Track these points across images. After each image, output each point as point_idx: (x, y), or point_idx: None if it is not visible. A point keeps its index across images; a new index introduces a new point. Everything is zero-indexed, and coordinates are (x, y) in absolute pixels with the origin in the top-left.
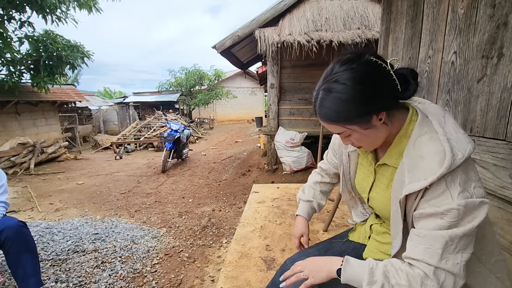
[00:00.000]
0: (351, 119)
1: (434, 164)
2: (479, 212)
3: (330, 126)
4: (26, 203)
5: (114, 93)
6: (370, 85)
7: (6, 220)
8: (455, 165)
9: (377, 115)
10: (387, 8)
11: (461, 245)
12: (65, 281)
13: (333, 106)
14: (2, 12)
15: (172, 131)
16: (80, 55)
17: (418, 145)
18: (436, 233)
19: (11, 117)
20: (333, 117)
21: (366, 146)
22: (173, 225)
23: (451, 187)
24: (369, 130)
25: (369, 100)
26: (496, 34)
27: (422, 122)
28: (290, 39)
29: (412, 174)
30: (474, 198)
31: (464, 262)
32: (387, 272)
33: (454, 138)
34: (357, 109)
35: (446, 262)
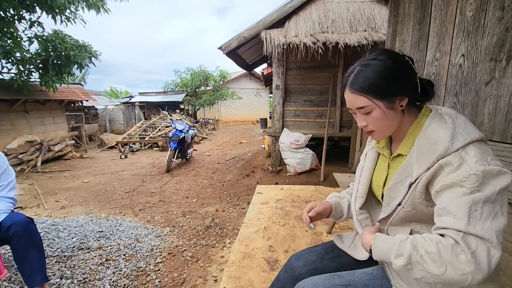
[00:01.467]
0: (381, 93)
1: (438, 148)
2: (499, 179)
3: (357, 99)
4: (32, 200)
5: (120, 93)
6: (403, 70)
7: (14, 216)
8: (454, 148)
9: (401, 100)
10: (394, 10)
11: (487, 211)
12: (70, 278)
13: (369, 78)
14: (13, 12)
15: (177, 131)
16: (88, 55)
17: (428, 132)
18: (459, 199)
19: (20, 116)
20: (365, 88)
21: (379, 130)
22: (176, 225)
23: (467, 159)
24: (390, 111)
25: (399, 82)
26: (505, 37)
27: (434, 114)
28: (296, 41)
29: (421, 157)
30: (492, 166)
31: (496, 229)
32: (415, 243)
33: (462, 127)
34: (389, 85)
35: (475, 227)
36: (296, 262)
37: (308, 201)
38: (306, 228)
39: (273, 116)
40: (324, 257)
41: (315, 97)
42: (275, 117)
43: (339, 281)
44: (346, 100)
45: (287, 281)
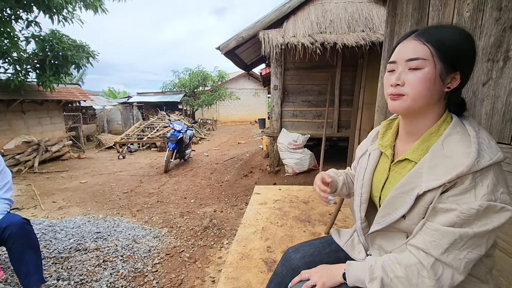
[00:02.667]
0: (447, 55)
1: (458, 163)
2: (498, 217)
3: (418, 47)
4: (29, 201)
5: (118, 93)
6: (474, 56)
7: (10, 217)
8: (479, 167)
9: (455, 77)
10: (392, 10)
11: (469, 244)
12: (67, 279)
13: (446, 36)
14: (10, 11)
15: (175, 132)
16: (85, 55)
17: (446, 144)
18: (448, 229)
19: (17, 116)
20: (434, 41)
21: (412, 95)
22: (174, 225)
23: (478, 187)
24: (437, 80)
25: (467, 59)
26: (502, 37)
27: (456, 123)
28: (294, 41)
29: (434, 170)
30: (498, 202)
31: (468, 260)
32: (385, 267)
33: (486, 144)
34: (460, 53)
35: (448, 256)
36: (294, 255)
37: (306, 202)
38: (304, 229)
39: (271, 117)
40: (321, 251)
41: (313, 97)
42: (273, 118)
43: None
44: (398, 50)
45: (285, 273)
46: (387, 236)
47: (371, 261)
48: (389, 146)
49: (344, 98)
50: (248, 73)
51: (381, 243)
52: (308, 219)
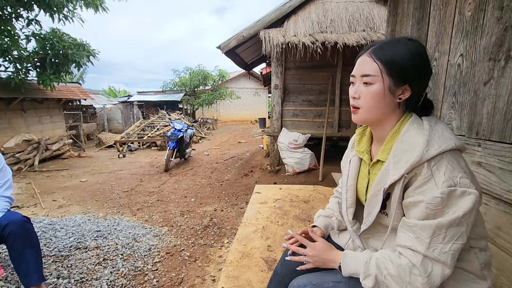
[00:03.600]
0: (394, 71)
1: (413, 156)
2: (463, 201)
3: (369, 64)
4: (29, 199)
5: (119, 92)
6: (425, 67)
7: (10, 215)
8: (429, 156)
9: (405, 90)
10: (393, 10)
11: (451, 235)
12: (67, 277)
13: (394, 51)
14: (10, 10)
15: (175, 131)
16: (85, 54)
17: (405, 139)
18: (423, 222)
19: (17, 114)
20: (383, 57)
21: (366, 108)
22: (175, 224)
23: (436, 175)
24: (389, 94)
25: (416, 72)
26: (503, 37)
27: (413, 120)
28: (295, 40)
29: (397, 165)
30: (457, 187)
31: (453, 252)
32: (379, 264)
33: (439, 135)
34: (406, 68)
35: (434, 251)
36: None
37: (307, 201)
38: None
39: (271, 116)
40: None
41: (313, 97)
42: (274, 117)
43: (331, 277)
44: (357, 64)
45: (284, 273)
46: (381, 237)
47: (366, 257)
48: (365, 152)
49: (345, 98)
50: (249, 72)
51: (376, 245)
52: (308, 218)
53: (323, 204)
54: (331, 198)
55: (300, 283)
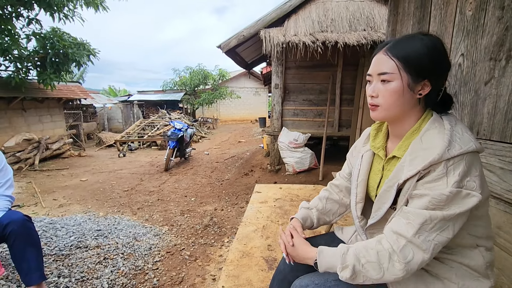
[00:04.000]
0: (412, 67)
1: (431, 153)
2: (465, 202)
3: (386, 61)
4: (30, 198)
5: (119, 91)
6: (445, 59)
7: (11, 214)
8: (449, 155)
9: (424, 86)
10: (393, 9)
11: (438, 226)
12: (68, 276)
13: (409, 47)
14: (11, 9)
15: (175, 130)
16: (86, 53)
17: (425, 138)
18: (420, 210)
19: (17, 113)
20: (400, 54)
21: (385, 107)
22: (175, 223)
23: (450, 175)
24: (408, 91)
25: (435, 67)
26: (504, 36)
27: (435, 119)
28: (296, 40)
29: (413, 162)
30: (463, 189)
31: (437, 242)
32: (357, 254)
33: (459, 136)
34: (424, 64)
35: (419, 237)
36: None
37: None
38: None
39: (272, 115)
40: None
41: (314, 96)
42: (274, 116)
43: (333, 276)
44: (372, 63)
45: (287, 271)
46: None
47: (343, 249)
48: (381, 148)
49: (345, 97)
50: (249, 72)
51: None
52: None
53: None
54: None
55: (302, 283)
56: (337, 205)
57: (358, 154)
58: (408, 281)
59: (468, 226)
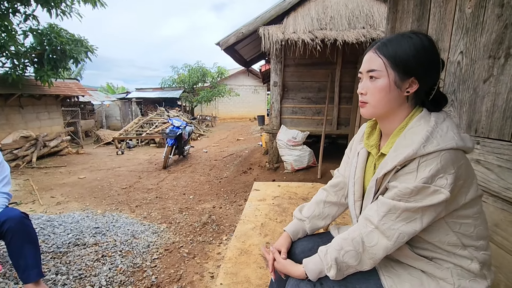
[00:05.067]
0: (399, 64)
1: (409, 149)
2: (430, 198)
3: (374, 59)
4: (27, 195)
5: (117, 88)
6: (435, 57)
7: (8, 211)
8: (424, 151)
9: (412, 83)
10: (393, 7)
11: (402, 217)
12: (66, 274)
13: (397, 45)
14: (7, 5)
15: (174, 128)
16: (83, 50)
17: (408, 135)
18: (386, 200)
19: (14, 110)
20: (386, 52)
21: (373, 103)
22: (173, 221)
23: (420, 171)
24: (395, 88)
25: (422, 65)
26: (504, 34)
27: (421, 116)
28: (295, 37)
29: (393, 158)
30: (432, 185)
31: (401, 232)
32: (335, 248)
33: (442, 133)
34: (410, 61)
35: (384, 224)
36: (293, 249)
37: (305, 198)
38: None
39: (270, 113)
40: (320, 245)
41: (313, 94)
42: (273, 114)
43: None
44: (363, 61)
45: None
46: None
47: (323, 251)
48: (374, 146)
49: (344, 96)
50: (248, 69)
51: None
52: None
53: None
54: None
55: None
56: (336, 207)
57: (355, 151)
58: (403, 282)
59: (454, 225)
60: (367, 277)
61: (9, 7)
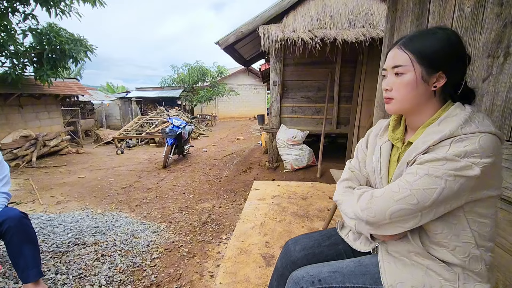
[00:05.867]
0: (425, 59)
1: (445, 130)
2: (457, 170)
3: (400, 55)
4: (27, 195)
5: (117, 88)
6: (460, 51)
7: (8, 211)
8: (461, 133)
9: (439, 77)
10: (392, 6)
11: (422, 181)
12: (65, 273)
13: (422, 41)
14: (6, 4)
15: (173, 127)
16: (83, 49)
17: (443, 123)
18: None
19: (14, 110)
20: (412, 47)
21: (399, 99)
22: (173, 220)
23: (453, 146)
24: (422, 83)
25: (450, 58)
26: (503, 33)
27: (457, 107)
28: (294, 36)
29: (424, 142)
30: (463, 160)
31: (411, 194)
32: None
33: (479, 119)
34: (438, 56)
35: (398, 182)
36: (293, 247)
37: (305, 198)
38: (303, 225)
39: (270, 113)
40: (321, 243)
41: (312, 93)
42: (272, 114)
43: (327, 268)
44: (387, 58)
45: (284, 266)
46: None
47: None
48: (400, 139)
49: (344, 95)
50: (247, 68)
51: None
52: (306, 214)
53: (321, 201)
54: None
55: (298, 275)
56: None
57: (374, 146)
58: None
59: (473, 222)
60: (364, 272)
61: (8, 6)
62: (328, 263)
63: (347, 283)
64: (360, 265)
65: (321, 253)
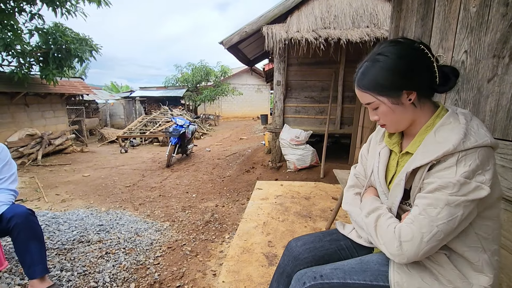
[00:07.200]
0: (384, 89)
1: (446, 145)
2: (472, 193)
3: (363, 95)
4: (33, 193)
5: (121, 87)
6: (409, 63)
7: (15, 208)
8: (464, 147)
9: (408, 93)
10: (397, 6)
11: (444, 213)
12: (70, 270)
13: (373, 74)
14: (13, 4)
15: (177, 126)
16: (88, 49)
17: (438, 132)
18: (427, 194)
19: (20, 109)
20: (369, 85)
21: (390, 124)
22: (176, 219)
23: (461, 165)
24: (397, 106)
25: (404, 76)
26: (508, 33)
27: (450, 115)
28: (298, 36)
29: (425, 154)
30: (473, 181)
31: (440, 230)
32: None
33: (475, 130)
34: (392, 81)
35: (423, 219)
36: (295, 242)
37: (308, 198)
38: (305, 224)
39: (273, 112)
40: (322, 239)
41: (316, 93)
42: (276, 113)
43: (329, 266)
44: (357, 96)
45: (286, 262)
46: None
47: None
48: (396, 144)
49: (347, 95)
50: (251, 68)
51: None
52: (309, 214)
53: (324, 201)
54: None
55: (301, 272)
56: None
57: (374, 152)
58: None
59: (477, 226)
60: (365, 269)
61: (15, 6)
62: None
63: (348, 279)
64: (361, 263)
65: (322, 246)
